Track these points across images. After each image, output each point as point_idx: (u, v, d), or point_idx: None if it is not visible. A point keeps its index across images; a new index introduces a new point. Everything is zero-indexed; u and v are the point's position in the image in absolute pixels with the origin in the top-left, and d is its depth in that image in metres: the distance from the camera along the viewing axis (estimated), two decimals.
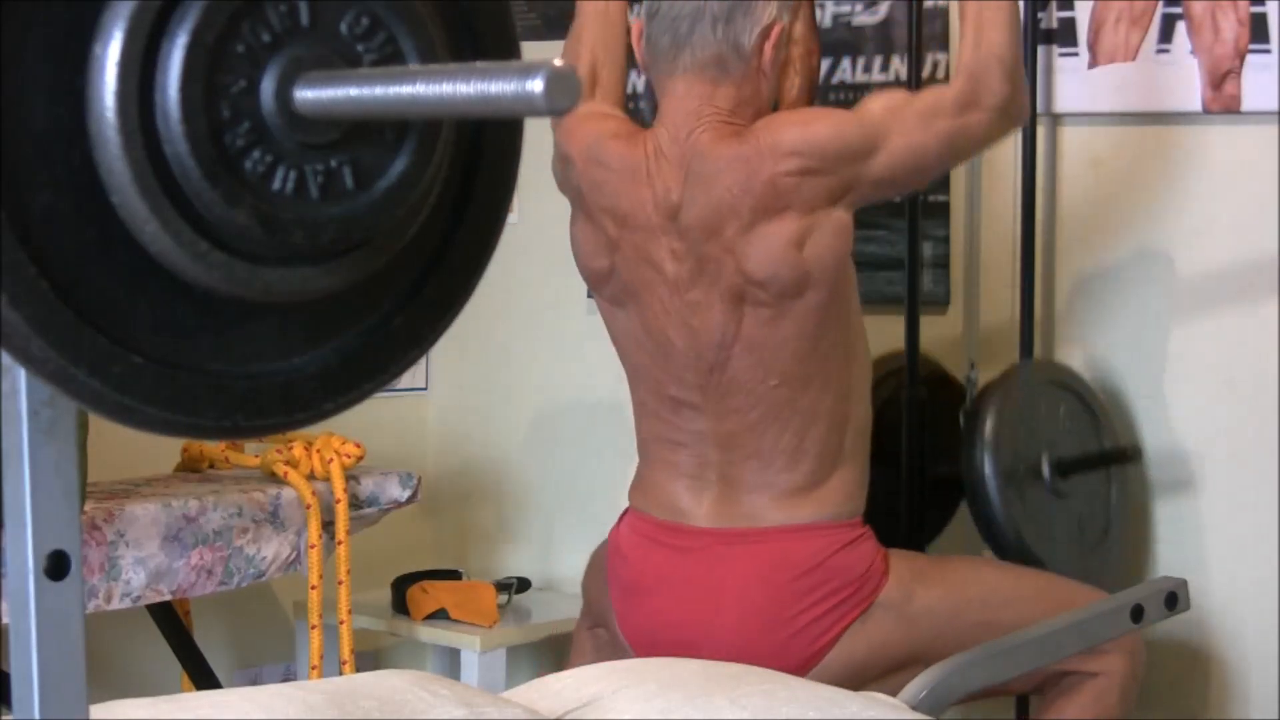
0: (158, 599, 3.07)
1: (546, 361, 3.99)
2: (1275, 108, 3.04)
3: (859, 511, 2.65)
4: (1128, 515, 3.19)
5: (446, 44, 1.09)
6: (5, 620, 2.02)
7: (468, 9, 1.11)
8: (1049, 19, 3.26)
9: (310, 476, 3.29)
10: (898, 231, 3.35)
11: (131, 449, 3.22)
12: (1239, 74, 3.07)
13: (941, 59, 3.36)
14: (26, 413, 1.07)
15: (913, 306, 3.20)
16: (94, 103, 0.99)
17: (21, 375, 1.06)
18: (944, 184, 3.36)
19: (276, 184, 1.02)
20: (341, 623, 3.33)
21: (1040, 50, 3.25)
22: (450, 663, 3.83)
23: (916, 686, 2.25)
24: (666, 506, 2.68)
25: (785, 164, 2.50)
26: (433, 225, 1.11)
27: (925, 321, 3.24)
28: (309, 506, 3.24)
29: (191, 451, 3.48)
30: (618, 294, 2.67)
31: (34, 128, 0.98)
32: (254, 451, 3.42)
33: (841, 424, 2.63)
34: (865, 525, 2.64)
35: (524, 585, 3.86)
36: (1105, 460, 3.15)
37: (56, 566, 1.08)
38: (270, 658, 3.93)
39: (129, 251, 1.02)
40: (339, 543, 3.28)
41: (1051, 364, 3.25)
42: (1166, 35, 3.15)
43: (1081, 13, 3.23)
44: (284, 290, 1.05)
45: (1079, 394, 3.17)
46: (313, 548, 3.24)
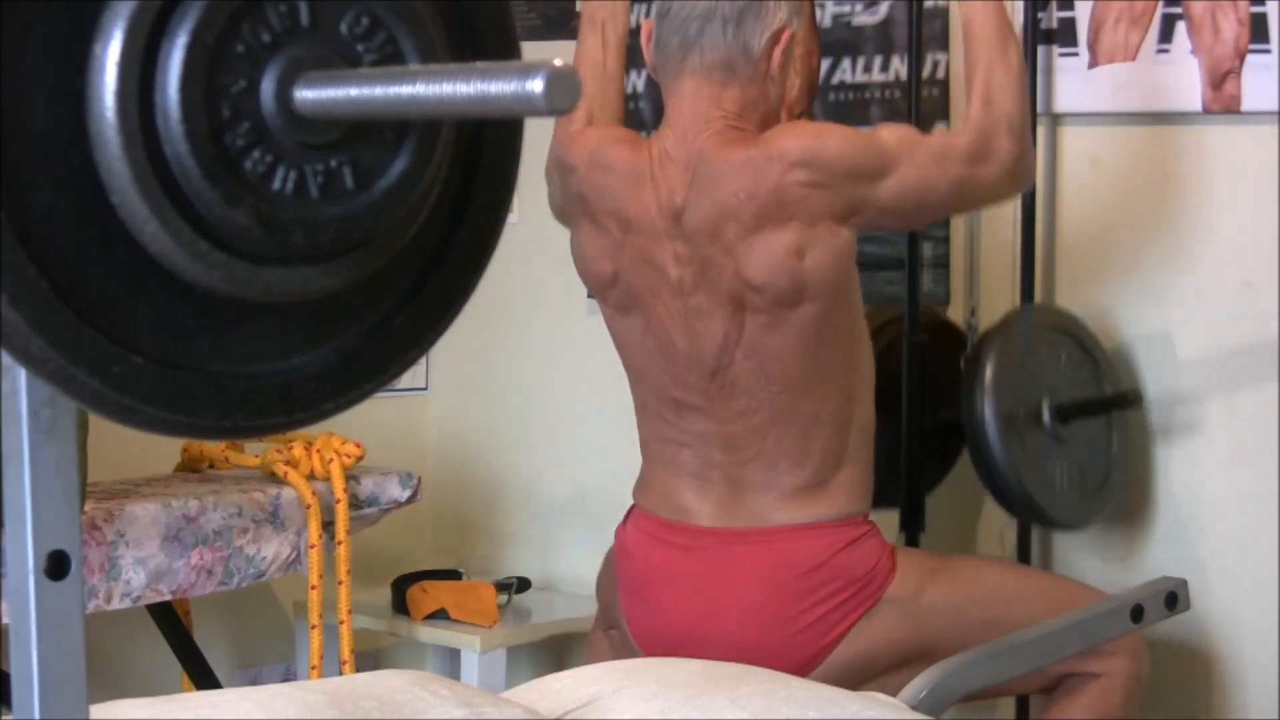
0: (158, 599, 3.07)
1: (546, 361, 3.99)
2: (1275, 108, 3.04)
3: (864, 510, 2.65)
4: (1128, 461, 3.19)
5: (446, 44, 1.09)
6: (5, 620, 2.02)
7: (468, 9, 1.11)
8: (1049, 19, 3.26)
9: (310, 476, 3.29)
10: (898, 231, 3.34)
11: (131, 449, 3.22)
12: (1239, 74, 3.07)
13: (941, 59, 3.36)
14: (26, 413, 1.07)
15: (913, 306, 3.19)
16: (94, 103, 0.99)
17: (21, 375, 1.06)
18: None
19: (276, 184, 1.02)
20: (341, 623, 3.33)
21: (1040, 50, 3.24)
22: (450, 663, 3.83)
23: (916, 686, 2.25)
24: (671, 505, 2.68)
25: (794, 174, 2.50)
26: (433, 225, 1.11)
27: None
28: (309, 506, 3.24)
29: (191, 451, 3.48)
30: (622, 299, 2.67)
31: (34, 128, 0.98)
32: (254, 451, 3.42)
33: (845, 426, 2.63)
34: (870, 523, 2.65)
35: (524, 585, 3.86)
36: (1106, 406, 3.14)
37: (56, 566, 1.08)
38: (270, 658, 3.93)
39: (129, 251, 1.02)
40: (339, 543, 3.28)
41: (1052, 309, 3.23)
42: (1166, 35, 3.15)
43: (1081, 13, 3.23)
44: (284, 290, 1.05)
45: (1080, 339, 3.16)
46: (313, 548, 3.24)
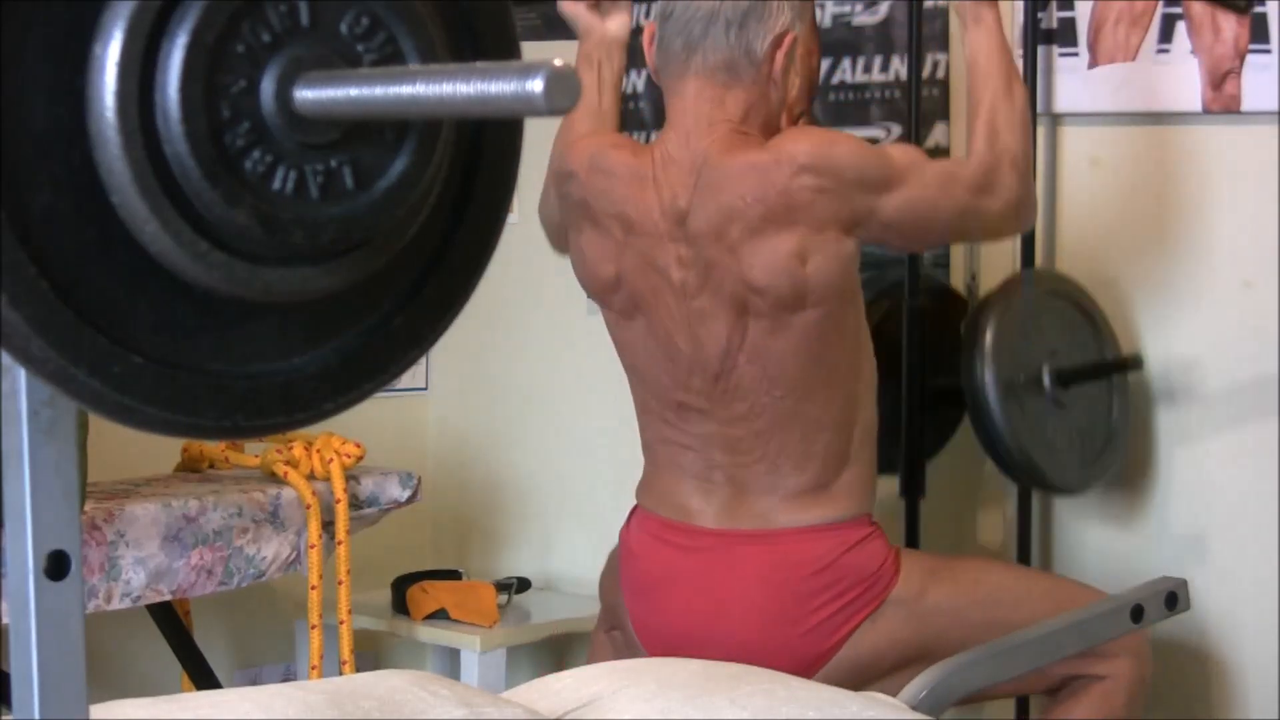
0: (158, 599, 3.07)
1: (546, 361, 3.98)
2: (1275, 108, 3.04)
3: (868, 511, 2.65)
4: (1129, 426, 3.19)
5: (446, 44, 1.08)
6: (5, 620, 2.02)
7: (468, 9, 1.11)
8: (1049, 19, 3.26)
9: (310, 476, 3.29)
10: None
11: (131, 449, 3.22)
12: (1239, 74, 3.07)
13: (941, 59, 3.36)
14: (26, 413, 1.07)
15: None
16: (94, 103, 0.99)
17: (21, 375, 1.06)
18: None
19: (276, 184, 1.02)
20: (341, 623, 3.33)
21: (1040, 50, 3.24)
22: (450, 663, 3.83)
23: (916, 686, 2.25)
24: (675, 507, 2.68)
25: (802, 178, 2.50)
26: (433, 225, 1.11)
27: None
28: (309, 506, 3.24)
29: (191, 451, 3.48)
30: (625, 304, 2.66)
31: (34, 128, 0.98)
32: (254, 451, 3.42)
33: (848, 429, 2.63)
34: (874, 524, 2.65)
35: (524, 585, 3.86)
36: (1106, 370, 3.14)
37: (56, 566, 1.08)
38: (270, 658, 3.93)
39: (129, 251, 1.02)
40: (339, 543, 3.28)
41: (1052, 274, 3.23)
42: (1166, 35, 3.15)
43: (1081, 13, 3.23)
44: (284, 290, 1.05)
45: (1080, 304, 3.16)
46: (313, 548, 3.24)
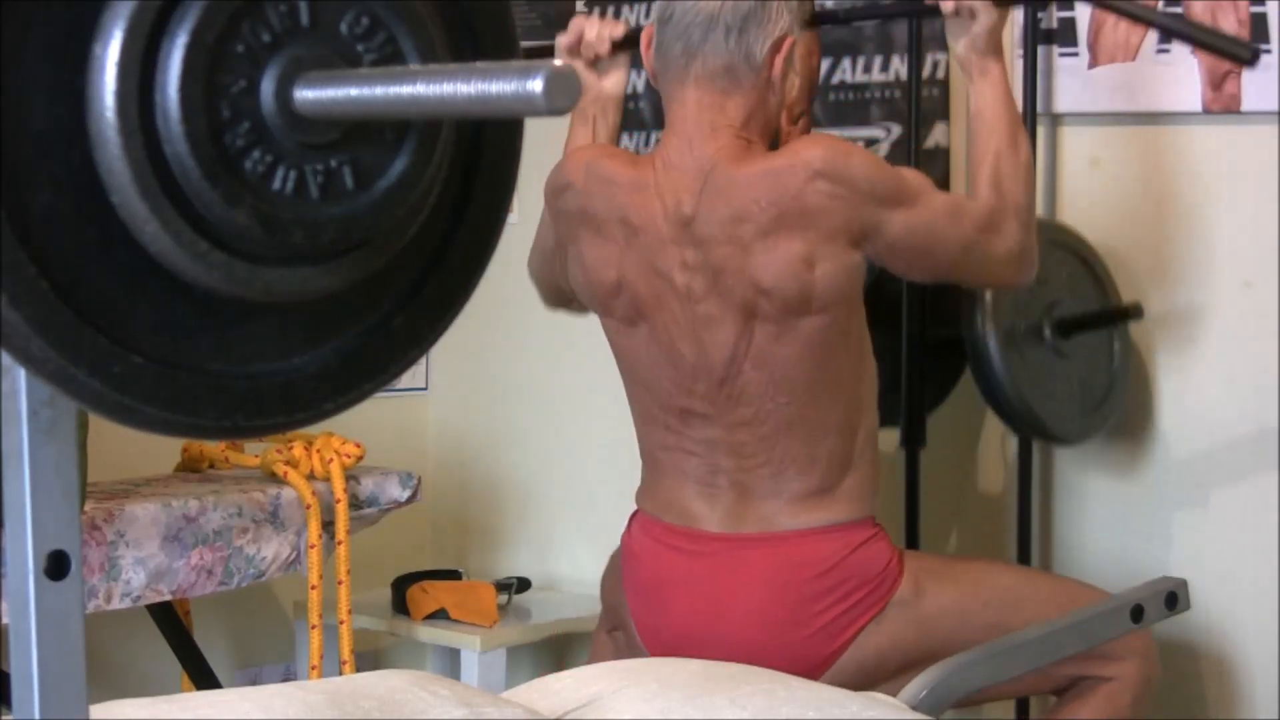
0: (158, 599, 3.07)
1: (546, 361, 3.98)
2: (1275, 108, 3.04)
3: (871, 513, 2.65)
4: (1129, 375, 3.19)
5: (446, 44, 1.09)
6: (5, 620, 2.02)
7: (468, 9, 1.11)
8: (1049, 19, 3.25)
9: (310, 476, 3.29)
10: None
11: (131, 449, 3.22)
12: (1239, 74, 3.07)
13: (941, 59, 3.36)
14: (26, 413, 1.07)
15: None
16: (94, 103, 0.99)
17: (21, 375, 1.06)
18: (944, 185, 3.36)
19: (276, 184, 1.02)
20: (341, 623, 3.33)
21: (1040, 50, 3.24)
22: (450, 663, 3.83)
23: (916, 686, 2.25)
24: (678, 511, 2.67)
25: (817, 183, 2.50)
26: (433, 225, 1.11)
27: None
28: (309, 506, 3.24)
29: (191, 451, 3.48)
30: (628, 310, 2.65)
31: (34, 128, 0.98)
32: (254, 451, 3.42)
33: (852, 433, 2.62)
34: (877, 525, 2.64)
35: (524, 585, 3.86)
36: (1107, 319, 3.14)
37: (56, 566, 1.08)
38: (270, 658, 3.93)
39: (129, 251, 1.02)
40: (339, 543, 3.28)
41: (1053, 224, 3.22)
42: (1166, 35, 3.14)
43: (1081, 13, 3.23)
44: (284, 290, 1.05)
45: (1080, 254, 3.15)
46: (313, 548, 3.24)
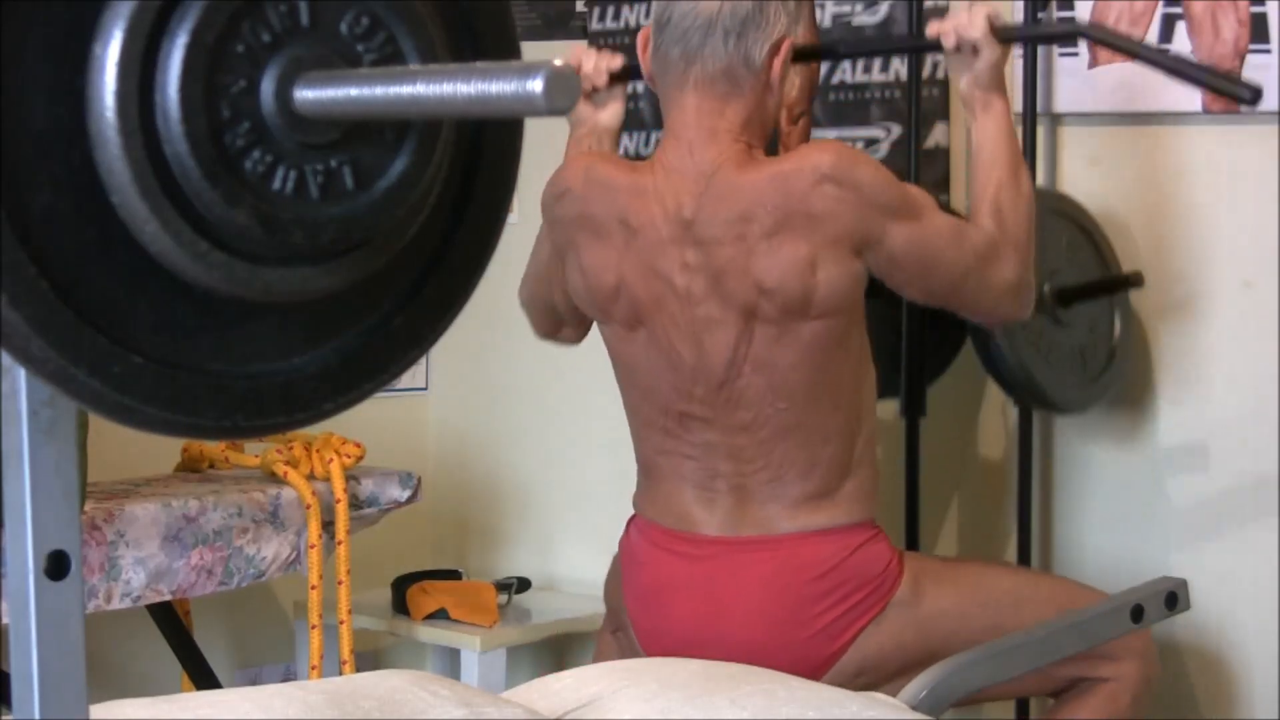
0: (158, 599, 3.07)
1: (546, 361, 3.98)
2: (1275, 108, 3.04)
3: (870, 515, 2.65)
4: (1130, 344, 3.19)
5: (446, 44, 1.09)
6: (5, 620, 2.02)
7: (468, 9, 1.11)
8: (1049, 19, 3.25)
9: (310, 476, 3.29)
10: None
11: (131, 449, 3.22)
12: (1239, 74, 3.07)
13: (941, 59, 3.36)
14: (26, 413, 1.07)
15: (913, 306, 3.19)
16: (94, 103, 0.99)
17: (21, 375, 1.06)
18: (944, 184, 3.36)
19: (276, 184, 1.02)
20: (341, 623, 3.33)
21: (1040, 50, 3.24)
22: (450, 663, 3.83)
23: (916, 686, 2.25)
24: (677, 515, 2.66)
25: (824, 187, 2.49)
26: (433, 225, 1.11)
27: None
28: (309, 506, 3.24)
29: (191, 451, 3.48)
30: (627, 314, 2.65)
31: (34, 128, 0.99)
32: (254, 451, 3.42)
33: (852, 437, 2.62)
34: (876, 527, 2.64)
35: (524, 585, 3.86)
36: (1107, 288, 3.13)
37: (56, 566, 1.08)
38: (270, 658, 3.93)
39: (129, 251, 1.02)
40: (339, 543, 3.28)
41: (1053, 192, 3.22)
42: (1166, 35, 3.14)
43: (1081, 13, 3.23)
44: (284, 290, 1.05)
45: (1080, 223, 3.15)
46: (313, 548, 3.24)
